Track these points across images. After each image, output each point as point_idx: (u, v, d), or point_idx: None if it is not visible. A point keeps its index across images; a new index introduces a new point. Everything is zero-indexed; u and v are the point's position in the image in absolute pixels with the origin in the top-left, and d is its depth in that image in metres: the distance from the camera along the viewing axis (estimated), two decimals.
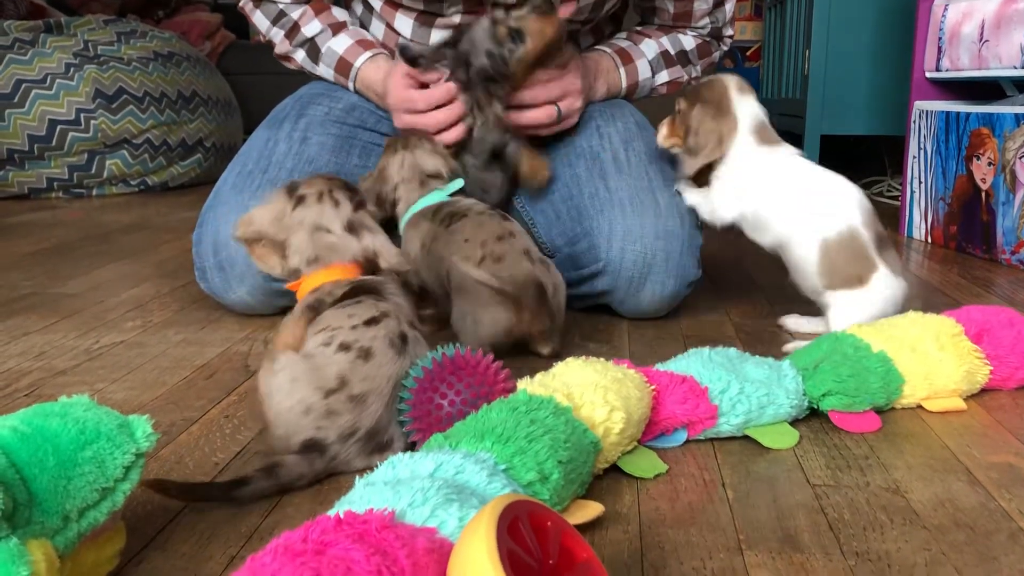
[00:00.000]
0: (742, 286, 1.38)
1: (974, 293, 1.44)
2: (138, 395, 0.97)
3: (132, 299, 1.39)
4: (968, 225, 1.76)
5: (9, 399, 0.96)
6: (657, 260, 1.19)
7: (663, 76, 1.39)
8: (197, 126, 2.88)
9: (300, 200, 0.93)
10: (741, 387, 0.85)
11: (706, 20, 1.39)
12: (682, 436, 0.84)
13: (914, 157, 1.94)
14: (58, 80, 2.58)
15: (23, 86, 2.55)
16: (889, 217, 2.14)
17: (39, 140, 2.55)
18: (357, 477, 0.61)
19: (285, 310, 1.28)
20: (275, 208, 0.94)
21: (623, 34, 1.42)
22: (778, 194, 1.13)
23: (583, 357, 0.83)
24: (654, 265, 1.19)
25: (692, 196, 1.21)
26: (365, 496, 0.56)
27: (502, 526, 0.46)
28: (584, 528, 0.67)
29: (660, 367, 0.89)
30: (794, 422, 0.88)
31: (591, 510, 0.69)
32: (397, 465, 0.62)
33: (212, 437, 0.85)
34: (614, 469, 0.78)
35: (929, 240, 1.90)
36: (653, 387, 0.83)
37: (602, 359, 0.83)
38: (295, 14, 1.35)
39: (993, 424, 0.90)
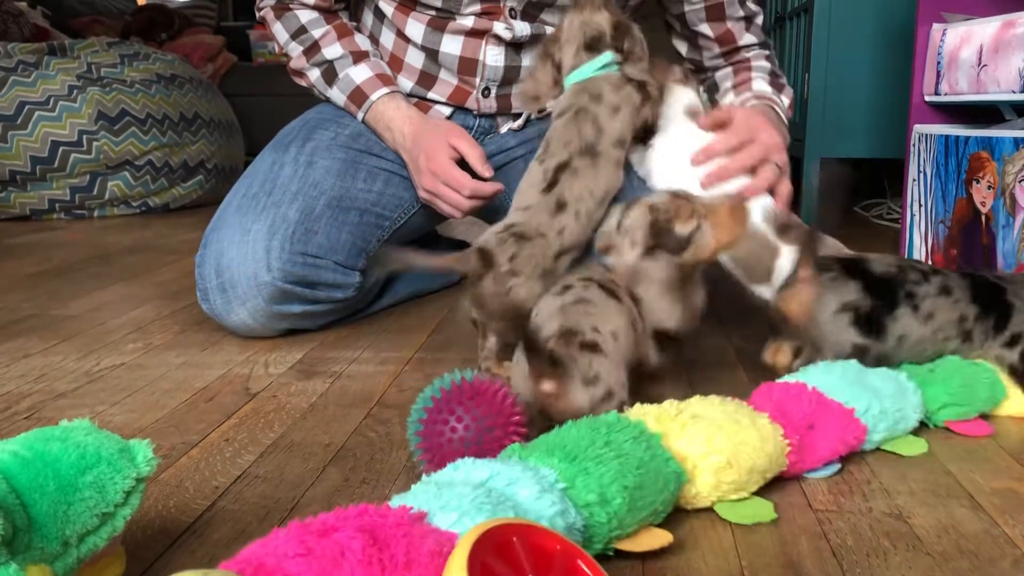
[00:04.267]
0: (744, 311, 1.38)
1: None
2: (138, 418, 0.97)
3: (133, 321, 1.39)
4: (968, 248, 1.76)
5: (9, 422, 0.96)
6: None
7: (784, 100, 1.36)
8: (199, 148, 2.89)
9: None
10: (881, 406, 0.87)
11: (748, 36, 1.38)
12: (837, 464, 0.84)
13: (914, 180, 1.94)
14: (61, 102, 2.59)
15: (26, 108, 2.55)
16: (889, 240, 2.15)
17: (41, 161, 2.56)
18: (424, 474, 0.64)
19: (286, 334, 1.29)
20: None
21: (720, 73, 1.40)
22: (695, 176, 1.16)
23: (729, 398, 0.81)
24: None
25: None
26: (415, 492, 0.60)
27: (481, 552, 0.48)
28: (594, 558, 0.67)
29: (799, 378, 0.89)
30: None
31: (656, 538, 0.67)
32: (459, 468, 0.64)
33: (212, 461, 0.85)
34: None
35: (929, 263, 1.90)
36: (788, 442, 0.79)
37: (743, 403, 0.81)
38: (316, 33, 1.34)
39: (996, 449, 0.89)
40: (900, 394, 0.90)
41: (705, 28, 1.36)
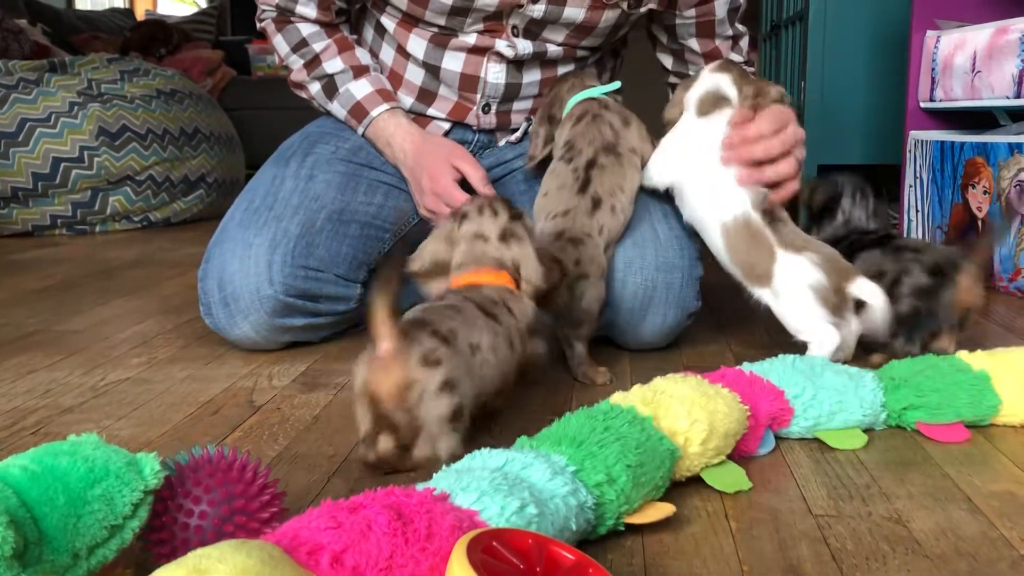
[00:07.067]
0: (742, 316, 1.39)
1: (972, 321, 1.45)
2: (144, 432, 0.98)
3: (137, 335, 1.40)
4: None
5: (16, 437, 0.97)
6: (658, 291, 1.20)
7: None
8: (199, 162, 2.91)
9: (464, 217, 1.01)
10: (815, 393, 0.91)
11: (734, 55, 1.38)
12: (771, 442, 0.90)
13: (910, 186, 1.95)
14: (62, 118, 2.60)
15: (28, 125, 2.57)
16: None
17: (43, 178, 2.57)
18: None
19: (289, 346, 1.30)
20: (443, 231, 1.01)
21: None
22: (692, 167, 1.17)
23: (682, 374, 0.88)
24: (655, 296, 1.20)
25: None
26: (438, 477, 0.66)
27: (474, 552, 0.51)
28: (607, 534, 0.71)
29: (749, 367, 0.95)
30: (800, 446, 0.90)
31: (660, 510, 0.73)
32: (477, 457, 0.70)
33: None
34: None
35: None
36: (747, 407, 0.86)
37: (699, 376, 0.88)
38: (317, 46, 1.35)
39: (993, 452, 0.90)
40: (849, 388, 0.93)
41: (694, 43, 1.37)
